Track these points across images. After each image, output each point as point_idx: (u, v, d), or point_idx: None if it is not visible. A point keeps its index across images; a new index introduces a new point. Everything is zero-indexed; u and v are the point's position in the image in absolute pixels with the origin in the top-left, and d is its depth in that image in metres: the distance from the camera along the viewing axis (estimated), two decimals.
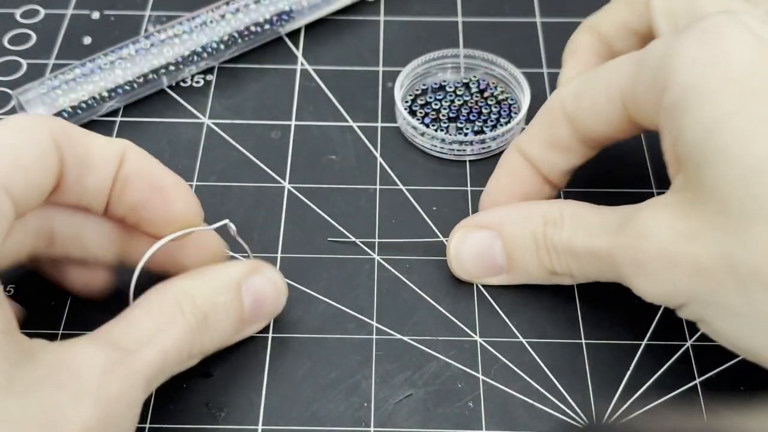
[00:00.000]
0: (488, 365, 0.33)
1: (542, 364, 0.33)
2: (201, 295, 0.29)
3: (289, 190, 0.39)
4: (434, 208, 0.39)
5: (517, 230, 0.33)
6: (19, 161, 0.26)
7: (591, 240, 0.30)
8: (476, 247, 0.34)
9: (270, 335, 0.34)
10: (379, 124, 0.42)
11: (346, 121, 0.42)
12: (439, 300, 0.35)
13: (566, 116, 0.32)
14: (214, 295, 0.29)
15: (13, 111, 0.43)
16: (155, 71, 0.42)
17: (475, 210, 0.38)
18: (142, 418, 0.31)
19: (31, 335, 0.26)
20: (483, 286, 0.35)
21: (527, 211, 0.33)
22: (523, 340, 0.34)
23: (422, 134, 0.40)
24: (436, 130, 0.41)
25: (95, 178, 0.28)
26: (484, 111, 0.42)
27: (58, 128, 0.27)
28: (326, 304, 0.35)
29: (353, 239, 0.37)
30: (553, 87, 0.44)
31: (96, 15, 0.48)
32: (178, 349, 0.28)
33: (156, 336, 0.27)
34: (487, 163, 0.40)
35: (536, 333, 0.34)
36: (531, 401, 0.32)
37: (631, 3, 0.35)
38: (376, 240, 0.37)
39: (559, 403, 0.32)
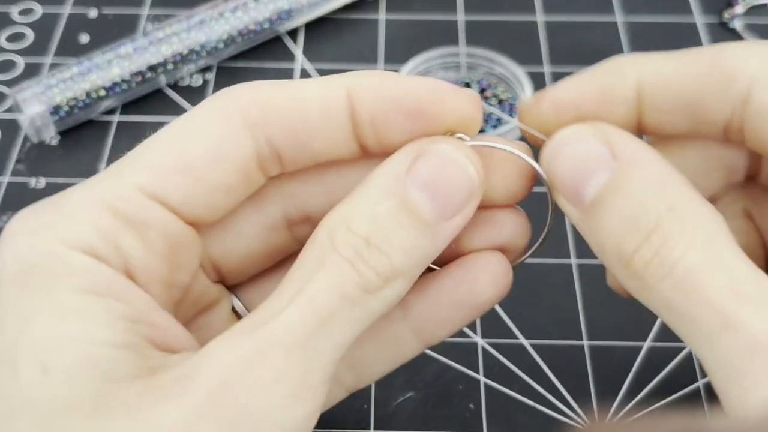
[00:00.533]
0: (489, 367, 0.33)
1: (543, 366, 0.33)
2: (357, 215, 0.22)
3: None
4: None
5: (638, 181, 0.23)
6: (181, 164, 0.23)
7: (721, 295, 0.21)
8: (582, 162, 0.24)
9: None
10: None
11: None
12: None
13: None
14: (372, 208, 0.22)
15: (9, 110, 0.42)
16: (153, 70, 0.42)
17: None
18: None
19: None
20: None
21: (675, 172, 0.23)
22: (524, 342, 0.34)
23: None
24: None
25: (323, 140, 0.24)
26: (485, 110, 0.41)
27: (252, 103, 0.23)
28: None
29: None
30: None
31: (93, 13, 0.48)
32: (338, 295, 0.21)
33: (298, 293, 0.21)
34: None
35: (537, 334, 0.34)
36: (532, 403, 0.32)
37: (706, 62, 0.24)
38: None
39: (561, 405, 0.32)
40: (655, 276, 0.22)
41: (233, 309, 0.27)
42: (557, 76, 0.44)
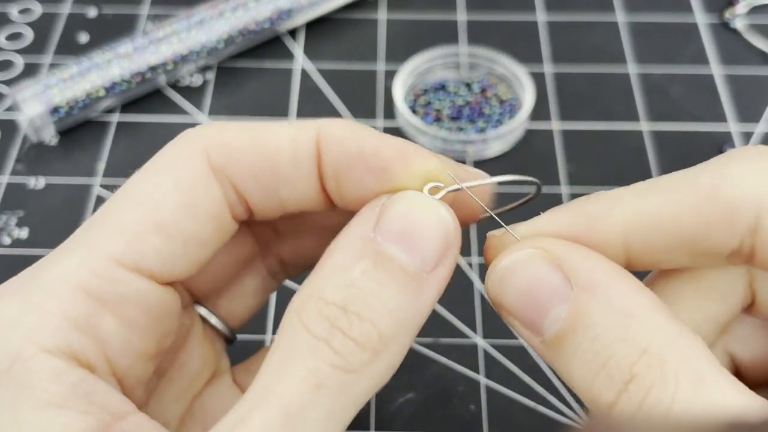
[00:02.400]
0: (490, 367, 0.33)
1: (544, 367, 0.33)
2: (329, 284, 0.20)
3: None
4: None
5: (599, 315, 0.20)
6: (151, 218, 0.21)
7: None
8: (534, 293, 0.21)
9: (269, 337, 0.34)
10: (380, 124, 0.42)
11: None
12: (440, 301, 0.35)
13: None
14: (346, 273, 0.20)
15: (9, 109, 0.42)
16: (153, 70, 0.42)
17: None
18: None
19: None
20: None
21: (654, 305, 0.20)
22: (525, 342, 0.34)
23: (423, 133, 0.40)
24: (438, 129, 0.40)
25: (290, 188, 0.22)
26: (486, 110, 0.41)
27: (216, 145, 0.22)
28: None
29: None
30: (556, 85, 0.43)
31: (93, 13, 0.47)
32: (310, 386, 0.19)
33: (264, 394, 0.19)
34: (489, 163, 0.40)
35: None
36: (533, 404, 0.32)
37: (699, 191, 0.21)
38: None
39: (561, 406, 0.32)
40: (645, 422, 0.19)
41: (206, 323, 0.26)
42: (558, 76, 0.44)
